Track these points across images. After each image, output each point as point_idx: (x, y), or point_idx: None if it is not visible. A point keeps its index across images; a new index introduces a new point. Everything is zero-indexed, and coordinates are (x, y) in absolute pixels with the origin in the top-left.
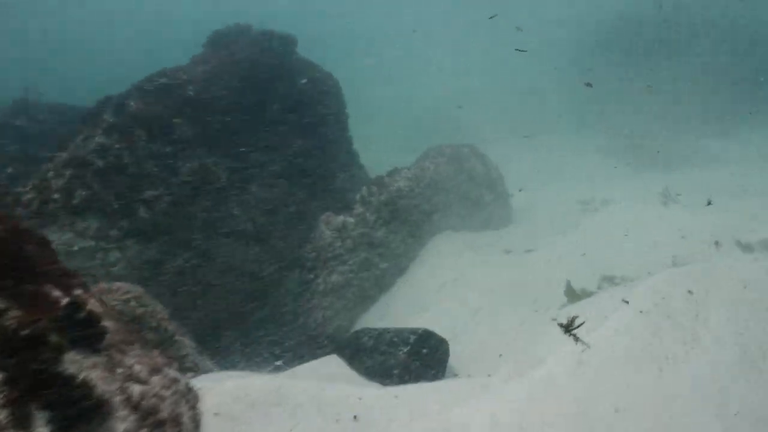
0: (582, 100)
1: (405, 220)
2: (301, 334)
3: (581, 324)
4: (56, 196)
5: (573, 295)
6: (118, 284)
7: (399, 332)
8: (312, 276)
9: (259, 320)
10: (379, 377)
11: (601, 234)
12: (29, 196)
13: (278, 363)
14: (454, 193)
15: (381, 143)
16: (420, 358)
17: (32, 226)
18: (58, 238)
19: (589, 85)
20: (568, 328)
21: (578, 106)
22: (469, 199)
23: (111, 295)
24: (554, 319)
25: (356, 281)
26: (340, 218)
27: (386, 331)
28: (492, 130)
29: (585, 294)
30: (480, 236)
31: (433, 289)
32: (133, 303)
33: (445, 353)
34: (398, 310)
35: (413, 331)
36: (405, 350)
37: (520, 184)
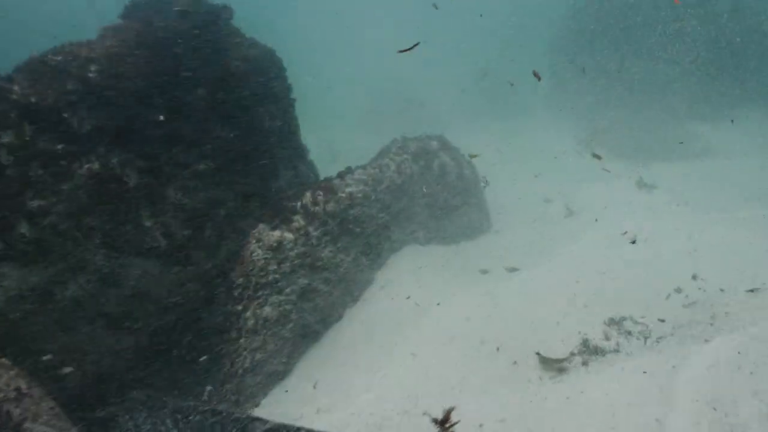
0: (560, 87)
1: (358, 234)
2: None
3: None
4: None
5: (548, 365)
6: None
7: None
8: (239, 308)
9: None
10: None
11: (596, 248)
12: None
13: None
14: (419, 198)
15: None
16: None
17: None
18: None
19: (537, 76)
20: None
21: (557, 94)
22: (438, 205)
23: None
24: None
25: (295, 314)
26: (276, 234)
27: None
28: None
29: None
30: (451, 250)
31: (391, 328)
32: None
33: None
34: (345, 356)
35: None
36: None
37: (494, 179)
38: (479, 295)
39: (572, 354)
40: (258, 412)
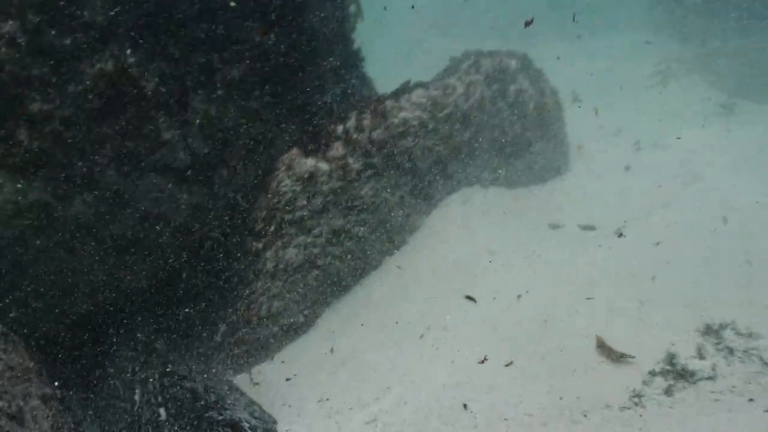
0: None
1: (408, 170)
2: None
3: None
4: None
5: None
6: None
7: None
8: (259, 246)
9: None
10: None
11: (699, 217)
12: None
13: (162, 414)
14: (488, 131)
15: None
16: None
17: None
18: None
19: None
20: None
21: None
22: (508, 139)
23: None
24: None
25: (323, 260)
26: (309, 162)
27: None
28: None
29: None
30: (519, 195)
31: (434, 287)
32: None
33: None
34: (377, 316)
35: None
36: None
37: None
38: (545, 258)
39: (652, 373)
40: (269, 368)
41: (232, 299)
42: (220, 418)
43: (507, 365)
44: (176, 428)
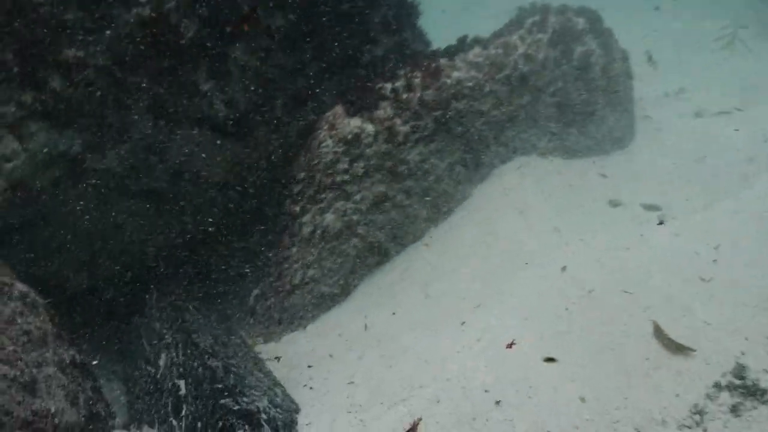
0: None
1: (459, 135)
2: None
3: None
4: None
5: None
6: None
7: None
8: (296, 209)
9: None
10: None
11: None
12: None
13: (181, 387)
14: (549, 96)
15: None
16: None
17: None
18: None
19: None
20: None
21: None
22: (570, 106)
23: None
24: None
25: (363, 227)
26: (354, 123)
27: None
28: None
29: None
30: (577, 167)
31: (480, 264)
32: None
33: None
34: (417, 291)
35: None
36: None
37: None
38: (598, 243)
39: (717, 386)
40: (300, 339)
41: (266, 264)
42: (236, 408)
43: (548, 360)
44: (192, 408)
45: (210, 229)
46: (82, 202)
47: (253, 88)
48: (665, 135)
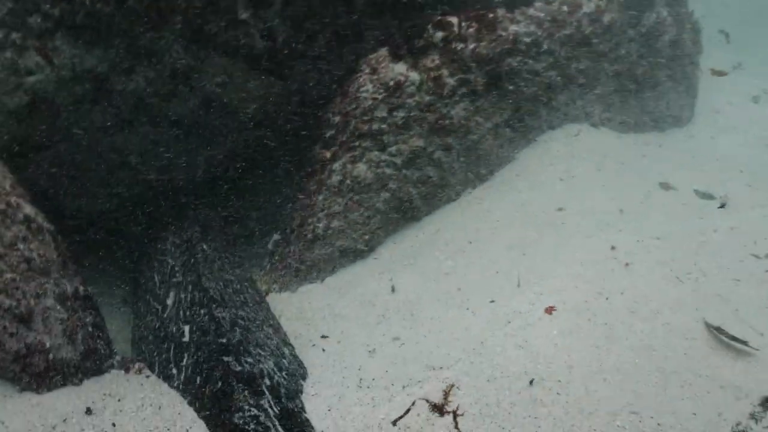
0: None
1: (509, 93)
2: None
3: None
4: None
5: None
6: None
7: None
8: (327, 155)
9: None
10: None
11: None
12: None
13: (185, 334)
14: (610, 62)
15: None
16: None
17: None
18: None
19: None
20: None
21: None
22: (632, 75)
23: None
24: None
25: (395, 182)
26: (398, 68)
27: None
28: None
29: None
30: (630, 142)
31: (518, 234)
32: None
33: None
34: (446, 255)
35: None
36: None
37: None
38: (643, 230)
39: (764, 405)
40: (317, 292)
41: (290, 208)
42: (238, 368)
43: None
44: (193, 360)
45: (235, 165)
46: (103, 125)
47: (293, 22)
48: (726, 116)
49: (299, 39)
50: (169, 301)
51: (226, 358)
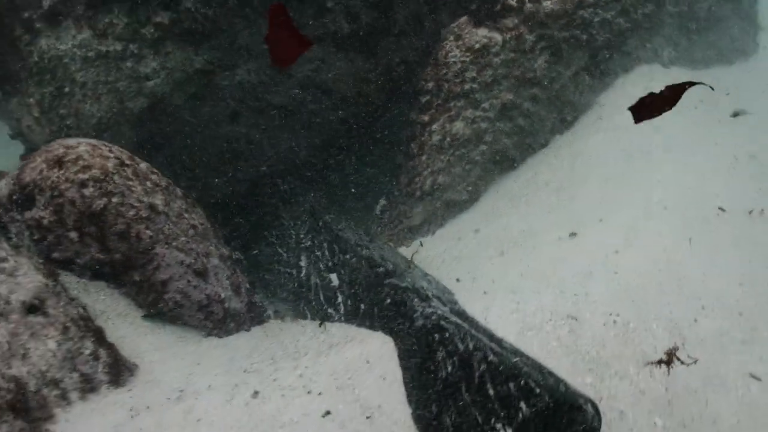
0: None
1: (584, 43)
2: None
3: None
4: None
5: None
6: (80, 149)
7: (507, 373)
8: (425, 119)
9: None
10: None
11: None
12: None
13: (333, 279)
14: (673, 4)
15: None
16: None
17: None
18: (72, 38)
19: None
20: None
21: None
22: (694, 14)
23: (61, 170)
24: None
25: (490, 135)
26: (481, 33)
27: (486, 357)
28: None
29: None
30: (702, 75)
31: (609, 170)
32: (90, 190)
33: None
34: (546, 194)
35: (532, 389)
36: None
37: None
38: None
39: None
40: (430, 243)
41: (395, 173)
42: (403, 284)
43: None
44: (348, 294)
45: (338, 140)
46: (214, 118)
47: (374, 3)
48: None
49: (381, 19)
50: (303, 263)
51: (389, 280)
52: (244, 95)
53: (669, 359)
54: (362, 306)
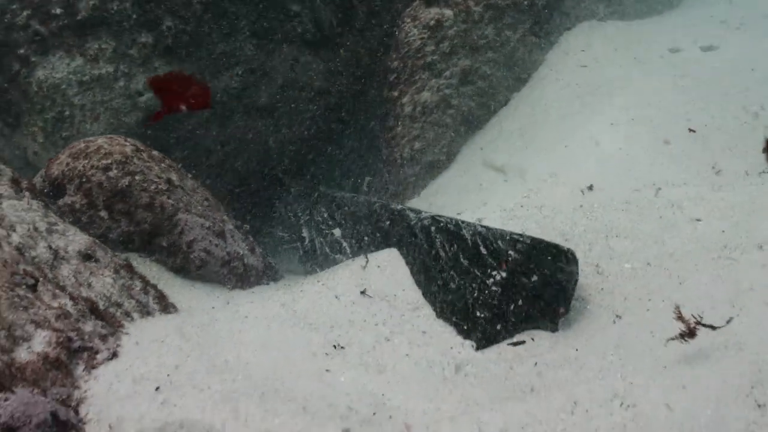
0: None
1: (526, 8)
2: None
3: None
4: (58, 10)
5: None
6: (99, 141)
7: (495, 236)
8: (395, 94)
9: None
10: (458, 318)
11: None
12: (25, 13)
13: (336, 233)
14: None
15: None
16: (524, 291)
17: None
18: (66, 66)
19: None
20: None
21: None
22: None
23: (86, 160)
24: None
25: (456, 99)
26: (433, 11)
27: (476, 230)
28: None
29: None
30: (635, 25)
31: (563, 113)
32: (114, 171)
33: (570, 282)
34: (513, 140)
35: (516, 239)
36: (498, 277)
37: None
38: (663, 76)
39: None
40: (417, 203)
41: (376, 147)
42: (398, 207)
43: None
44: (355, 232)
45: (321, 129)
46: (208, 120)
47: (335, 4)
48: None
49: (343, 18)
50: (305, 234)
51: (384, 205)
52: (230, 99)
53: None
54: (365, 239)
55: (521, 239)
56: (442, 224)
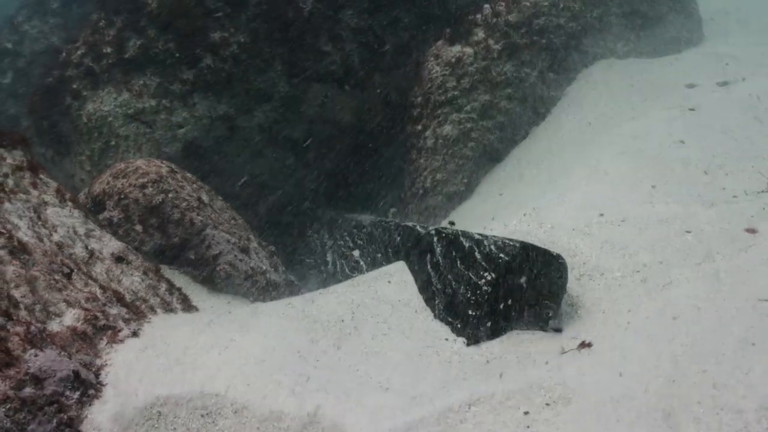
0: None
1: (544, 46)
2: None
3: None
4: (108, 49)
5: None
6: (138, 163)
7: (489, 241)
8: (419, 128)
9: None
10: (452, 318)
11: None
12: (80, 52)
13: (355, 254)
14: (617, 6)
15: None
16: (514, 291)
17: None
18: (114, 100)
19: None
20: None
21: None
22: (638, 13)
23: (125, 179)
24: None
25: (476, 132)
26: (454, 49)
27: (473, 238)
28: None
29: None
30: (652, 63)
31: (580, 147)
32: (150, 189)
33: (559, 285)
34: (530, 174)
35: (507, 243)
36: (488, 278)
37: None
38: (678, 109)
39: None
40: None
41: (399, 179)
42: (410, 224)
43: None
44: (371, 250)
45: (347, 162)
46: (240, 153)
47: (363, 44)
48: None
49: (370, 54)
50: (329, 258)
51: (396, 222)
52: (262, 133)
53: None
54: (378, 255)
55: (511, 243)
56: (443, 234)
